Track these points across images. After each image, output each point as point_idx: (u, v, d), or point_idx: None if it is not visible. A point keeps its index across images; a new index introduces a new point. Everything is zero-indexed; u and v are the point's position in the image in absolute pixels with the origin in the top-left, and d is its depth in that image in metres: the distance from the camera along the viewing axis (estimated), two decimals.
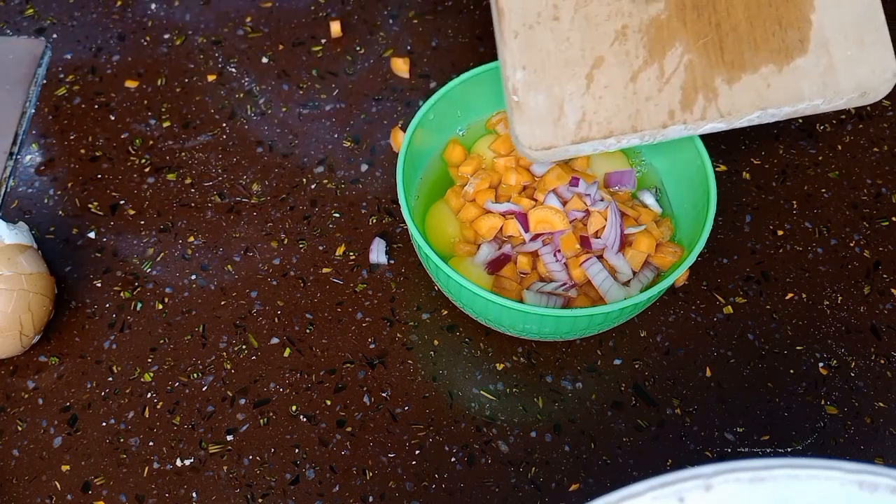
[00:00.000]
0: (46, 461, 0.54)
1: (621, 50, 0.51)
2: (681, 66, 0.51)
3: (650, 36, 0.51)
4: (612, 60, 0.51)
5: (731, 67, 0.51)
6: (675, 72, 0.51)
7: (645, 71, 0.51)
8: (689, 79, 0.51)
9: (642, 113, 0.51)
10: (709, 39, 0.51)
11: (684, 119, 0.51)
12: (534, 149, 0.51)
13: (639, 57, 0.51)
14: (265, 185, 0.64)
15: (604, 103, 0.51)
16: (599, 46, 0.51)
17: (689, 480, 0.29)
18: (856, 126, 0.67)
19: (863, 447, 0.54)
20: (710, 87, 0.51)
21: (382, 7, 0.73)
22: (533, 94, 0.51)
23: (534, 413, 0.56)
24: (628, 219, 0.56)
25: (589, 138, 0.51)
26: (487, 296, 0.50)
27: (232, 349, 0.58)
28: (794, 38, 0.51)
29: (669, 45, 0.51)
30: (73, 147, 0.66)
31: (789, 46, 0.51)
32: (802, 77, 0.51)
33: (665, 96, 0.51)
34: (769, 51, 0.51)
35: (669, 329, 0.58)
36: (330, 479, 0.53)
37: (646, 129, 0.51)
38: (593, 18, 0.51)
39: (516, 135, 0.51)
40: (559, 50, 0.51)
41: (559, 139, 0.51)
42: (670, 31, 0.51)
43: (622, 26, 0.51)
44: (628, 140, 0.51)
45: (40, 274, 0.55)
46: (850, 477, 0.29)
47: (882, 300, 0.60)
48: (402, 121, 0.67)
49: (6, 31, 0.72)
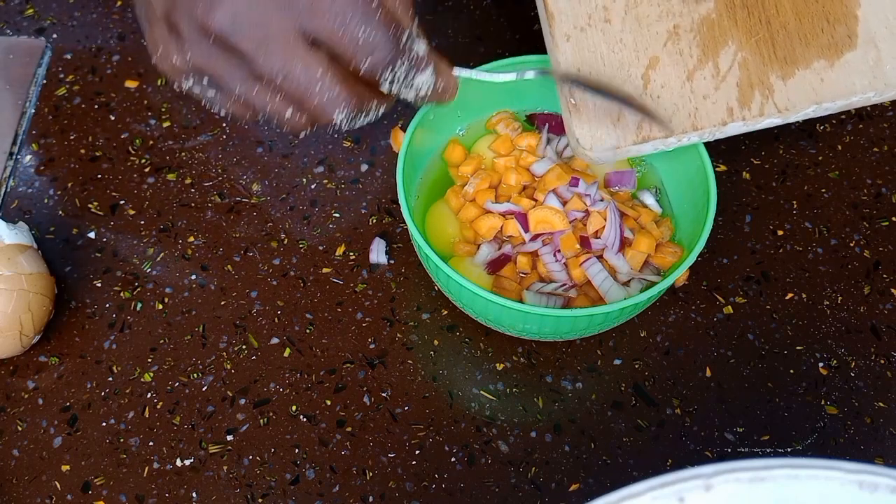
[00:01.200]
0: (46, 461, 0.54)
1: (675, 49, 0.52)
2: (735, 64, 0.52)
3: (702, 35, 0.52)
4: (667, 60, 0.52)
5: (784, 64, 0.52)
6: (730, 69, 0.52)
7: (700, 69, 0.52)
8: (745, 76, 0.52)
9: (701, 111, 0.52)
10: (760, 37, 0.52)
11: (743, 116, 0.52)
12: (595, 151, 0.52)
13: (693, 56, 0.52)
14: (265, 185, 0.64)
15: (662, 103, 0.52)
16: (653, 47, 0.52)
17: (689, 480, 0.29)
18: (856, 126, 0.67)
19: (863, 447, 0.54)
20: (766, 83, 0.52)
21: None
22: (590, 96, 0.51)
23: (534, 413, 0.56)
24: (628, 219, 0.56)
25: (650, 138, 0.52)
26: (487, 296, 0.50)
27: (232, 349, 0.58)
28: (843, 33, 0.52)
29: (722, 44, 0.52)
30: (73, 147, 0.66)
31: (838, 42, 0.52)
32: (853, 71, 0.52)
33: (722, 94, 0.52)
34: (819, 46, 0.52)
35: (669, 329, 0.58)
36: (330, 479, 0.53)
37: (706, 127, 0.52)
38: (644, 19, 0.52)
39: (576, 137, 0.52)
40: (612, 51, 0.52)
41: (620, 140, 0.52)
42: (722, 29, 0.52)
43: (674, 26, 0.52)
44: (689, 138, 0.52)
45: (40, 274, 0.55)
46: (850, 477, 0.29)
47: (882, 300, 0.60)
48: (402, 121, 0.67)
49: (6, 31, 0.72)
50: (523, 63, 0.59)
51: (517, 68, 0.53)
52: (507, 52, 0.70)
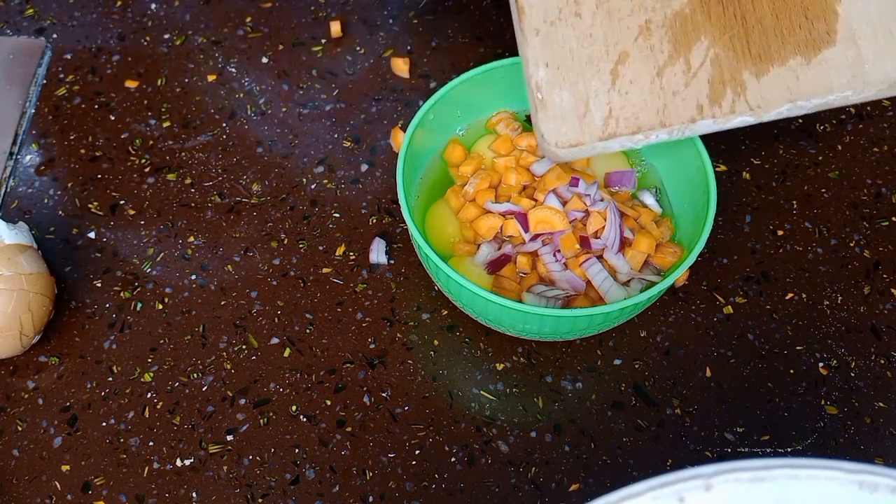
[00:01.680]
0: (46, 461, 0.54)
1: (646, 45, 0.51)
2: (707, 61, 0.51)
3: (674, 30, 0.51)
4: (637, 55, 0.51)
5: (758, 60, 0.51)
6: (701, 66, 0.51)
7: (671, 66, 0.51)
8: (717, 73, 0.51)
9: (670, 108, 0.51)
10: (734, 33, 0.51)
11: (713, 113, 0.51)
12: (560, 146, 0.51)
13: (664, 52, 0.51)
14: (265, 185, 0.64)
15: (630, 99, 0.51)
16: (623, 42, 0.51)
17: (689, 480, 0.29)
18: (856, 126, 0.67)
19: (863, 447, 0.54)
20: (738, 80, 0.51)
21: (382, 7, 0.73)
22: (557, 92, 0.51)
23: (534, 413, 0.56)
24: (628, 219, 0.56)
25: (616, 134, 0.51)
26: (487, 296, 0.50)
27: (232, 349, 0.58)
28: (822, 29, 0.51)
29: (695, 40, 0.51)
30: (73, 147, 0.66)
31: (816, 38, 0.51)
32: (831, 69, 0.51)
33: (692, 91, 0.51)
34: (796, 43, 0.51)
35: (669, 329, 0.58)
36: (330, 479, 0.53)
37: (674, 124, 0.51)
38: (616, 13, 0.51)
39: (541, 132, 0.51)
40: (582, 46, 0.51)
41: (586, 136, 0.51)
42: (695, 25, 0.51)
43: (646, 21, 0.51)
44: (657, 135, 0.51)
45: (40, 274, 0.55)
46: (850, 477, 0.29)
47: (882, 300, 0.60)
48: (402, 121, 0.67)
49: (6, 31, 0.72)
50: None
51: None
52: (507, 52, 0.70)
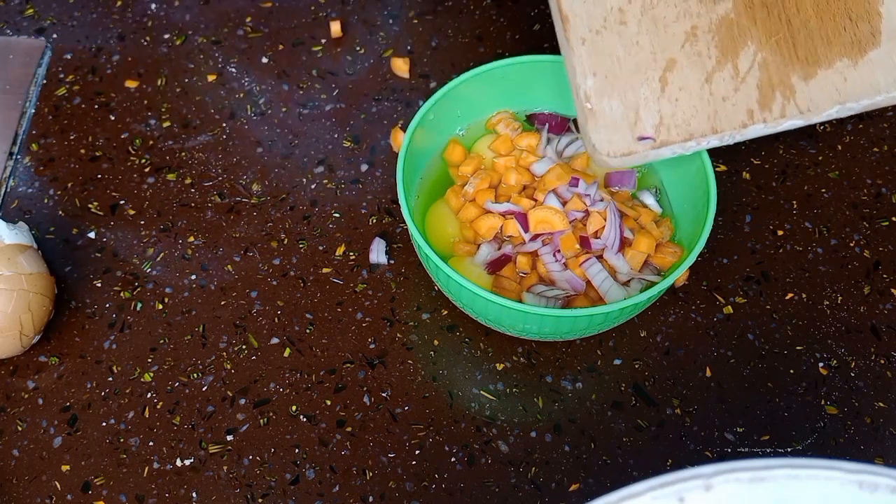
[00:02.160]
0: (46, 461, 0.54)
1: (693, 51, 0.51)
2: (755, 65, 0.51)
3: (721, 35, 0.51)
4: (685, 62, 0.51)
5: (805, 64, 0.51)
6: (749, 71, 0.51)
7: (719, 71, 0.51)
8: (765, 77, 0.51)
9: (721, 114, 0.51)
10: (780, 36, 0.51)
11: (764, 118, 0.51)
12: (612, 156, 0.51)
13: (711, 57, 0.51)
14: (265, 185, 0.64)
15: (681, 106, 0.51)
16: (670, 49, 0.51)
17: (689, 480, 0.29)
18: (856, 126, 0.67)
19: (863, 447, 0.54)
20: (787, 84, 0.51)
21: (382, 7, 0.73)
22: (606, 101, 0.50)
23: (534, 413, 0.56)
24: (628, 219, 0.56)
25: (669, 142, 0.51)
26: (487, 296, 0.50)
27: (232, 349, 0.58)
28: (866, 30, 0.51)
29: (741, 44, 0.51)
30: (73, 147, 0.66)
31: (861, 39, 0.51)
32: (878, 69, 0.51)
33: (742, 96, 0.51)
34: (842, 45, 0.51)
35: (669, 329, 0.58)
36: (330, 479, 0.53)
37: (726, 130, 0.51)
38: (661, 20, 0.51)
39: (592, 143, 0.51)
40: (629, 54, 0.51)
41: (638, 145, 0.51)
42: (741, 29, 0.51)
43: (691, 27, 0.51)
44: (708, 142, 0.51)
45: (40, 274, 0.55)
46: (850, 477, 0.29)
47: (882, 300, 0.60)
48: (402, 121, 0.67)
49: (6, 31, 0.72)
50: (524, 63, 0.59)
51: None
52: (507, 52, 0.70)
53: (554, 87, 0.61)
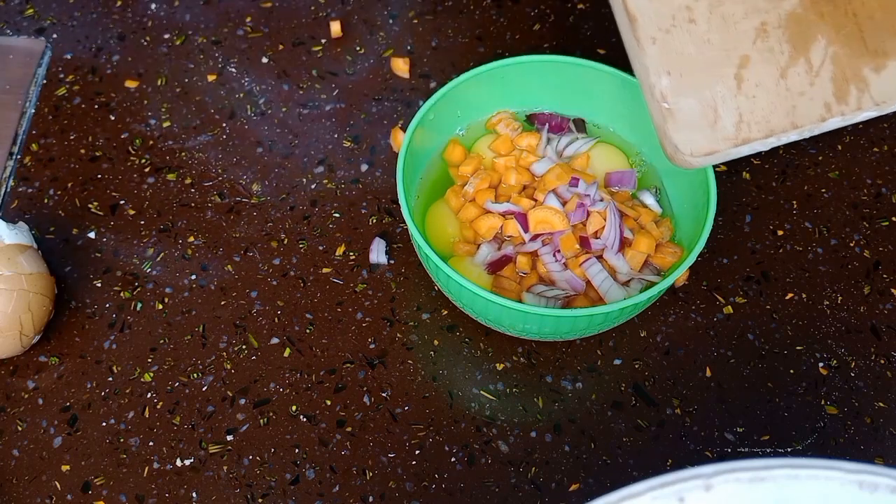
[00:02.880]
0: (46, 461, 0.54)
1: (765, 47, 0.51)
2: (827, 59, 0.51)
3: (791, 30, 0.51)
4: (758, 58, 0.51)
5: (875, 56, 0.51)
6: (822, 64, 0.51)
7: (793, 66, 0.51)
8: (839, 70, 0.51)
9: (799, 108, 0.51)
10: (848, 30, 0.51)
11: (841, 111, 0.51)
12: (695, 155, 0.50)
13: (784, 53, 0.51)
14: (265, 185, 0.64)
15: (758, 102, 0.50)
16: (742, 45, 0.51)
17: (689, 480, 0.29)
18: (856, 126, 0.67)
19: (863, 447, 0.54)
20: (860, 76, 0.51)
21: (382, 7, 0.73)
22: (683, 99, 0.50)
23: (534, 413, 0.56)
24: (628, 219, 0.56)
25: (750, 139, 0.50)
26: (487, 296, 0.50)
27: (232, 349, 0.58)
28: None
29: (812, 38, 0.51)
30: (73, 147, 0.66)
31: None
32: None
33: (818, 90, 0.51)
34: None
35: (669, 329, 0.58)
36: (330, 479, 0.53)
37: (805, 125, 0.51)
38: (730, 17, 0.51)
39: (675, 143, 0.50)
40: (701, 52, 0.50)
41: (720, 143, 0.50)
42: (809, 24, 0.51)
43: (761, 23, 0.51)
44: (787, 137, 0.51)
45: (40, 274, 0.55)
46: (850, 477, 0.29)
47: (882, 300, 0.60)
48: (402, 121, 0.67)
49: (6, 31, 0.72)
50: (524, 63, 0.59)
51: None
52: (507, 52, 0.70)
53: (554, 87, 0.61)
